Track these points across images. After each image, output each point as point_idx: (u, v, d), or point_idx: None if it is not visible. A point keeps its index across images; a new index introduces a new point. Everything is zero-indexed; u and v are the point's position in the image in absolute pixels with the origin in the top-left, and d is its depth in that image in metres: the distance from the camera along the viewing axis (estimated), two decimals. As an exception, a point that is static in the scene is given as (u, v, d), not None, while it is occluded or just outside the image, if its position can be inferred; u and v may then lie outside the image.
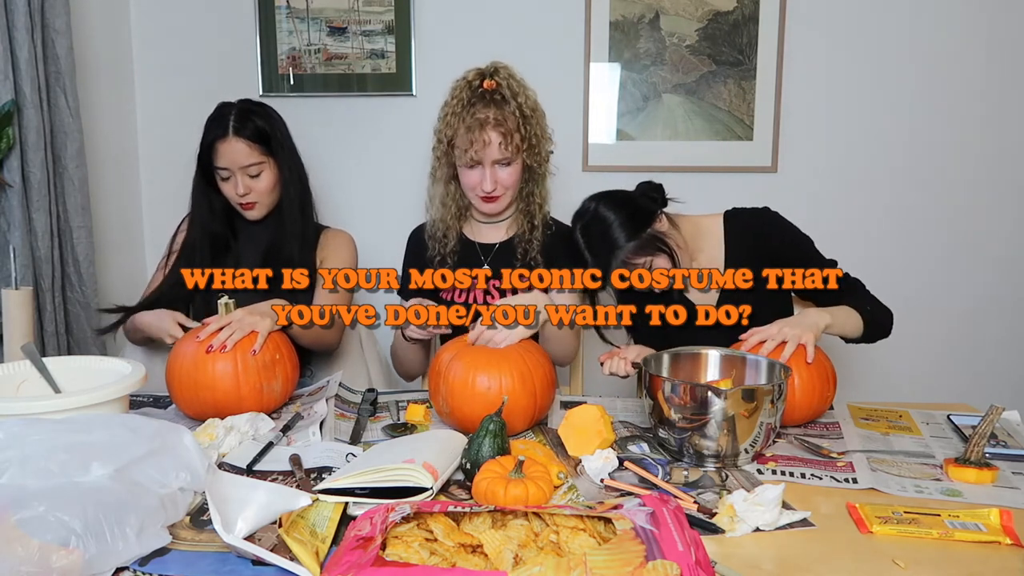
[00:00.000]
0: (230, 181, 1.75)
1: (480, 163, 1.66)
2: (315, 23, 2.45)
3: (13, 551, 0.82)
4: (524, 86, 1.71)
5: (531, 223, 1.76)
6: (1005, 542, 0.99)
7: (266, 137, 1.75)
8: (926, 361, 2.54)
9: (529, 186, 1.75)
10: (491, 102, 1.66)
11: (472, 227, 1.83)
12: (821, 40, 2.40)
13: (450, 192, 1.76)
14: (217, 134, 1.72)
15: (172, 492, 1.02)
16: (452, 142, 1.68)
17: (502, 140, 1.64)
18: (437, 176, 1.76)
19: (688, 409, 1.22)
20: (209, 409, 1.38)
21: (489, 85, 1.67)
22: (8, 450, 0.97)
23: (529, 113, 1.68)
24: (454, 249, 1.78)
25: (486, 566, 0.87)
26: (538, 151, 1.71)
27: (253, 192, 1.75)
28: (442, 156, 1.73)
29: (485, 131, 1.63)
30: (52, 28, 2.01)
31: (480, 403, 1.31)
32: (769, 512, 1.02)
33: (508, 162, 1.67)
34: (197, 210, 1.81)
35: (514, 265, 1.77)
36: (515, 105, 1.66)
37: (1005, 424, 1.44)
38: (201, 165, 1.76)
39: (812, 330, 1.44)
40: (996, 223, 2.48)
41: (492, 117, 1.64)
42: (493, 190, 1.68)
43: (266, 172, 1.75)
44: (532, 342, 1.46)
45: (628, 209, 1.59)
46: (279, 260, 1.78)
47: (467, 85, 1.68)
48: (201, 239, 1.80)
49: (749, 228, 1.70)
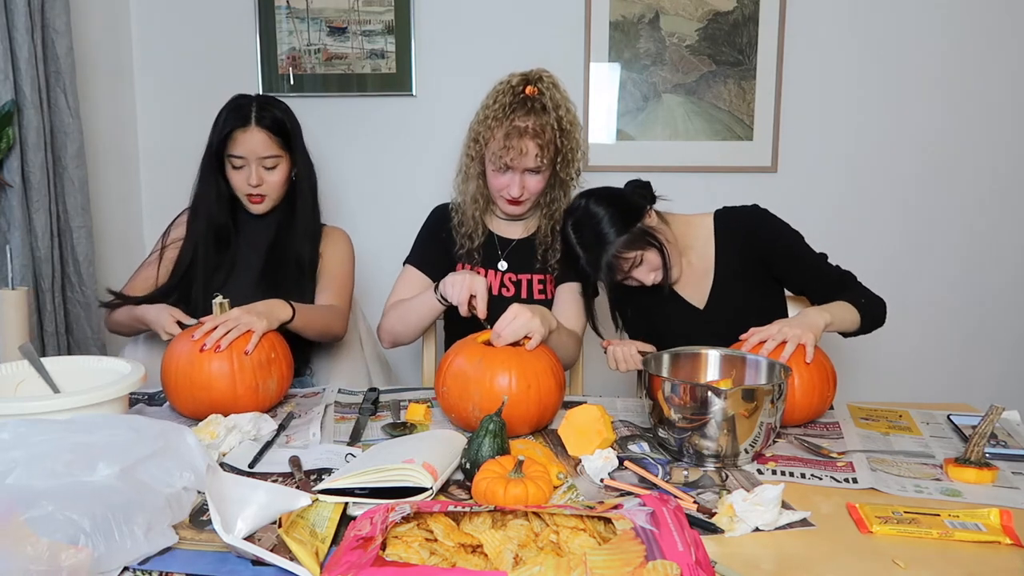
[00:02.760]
0: (243, 171, 1.74)
1: (511, 168, 1.67)
2: (315, 23, 2.45)
3: (23, 550, 0.82)
4: (566, 98, 1.71)
5: (552, 227, 1.77)
6: (1005, 542, 0.99)
7: (285, 131, 1.76)
8: (926, 361, 2.54)
9: (555, 192, 1.76)
10: (531, 111, 1.66)
11: (493, 220, 1.85)
12: (821, 40, 2.41)
13: (480, 187, 1.77)
14: (238, 123, 1.71)
15: (177, 491, 1.03)
16: (488, 143, 1.68)
17: (539, 152, 1.65)
18: (469, 174, 1.77)
19: (688, 409, 1.22)
20: (204, 408, 1.38)
21: (531, 91, 1.67)
22: (13, 450, 0.97)
23: (568, 127, 1.69)
24: (472, 236, 1.79)
25: (486, 566, 0.87)
26: (571, 164, 1.72)
27: (265, 184, 1.75)
28: (476, 156, 1.73)
29: (523, 140, 1.64)
30: (52, 28, 2.01)
31: (489, 399, 1.30)
32: (769, 512, 1.02)
33: (539, 171, 1.69)
34: (202, 199, 1.80)
35: (533, 264, 1.78)
36: (555, 117, 1.67)
37: (1005, 424, 1.44)
38: (212, 153, 1.75)
39: (812, 330, 1.44)
40: (996, 222, 2.48)
41: (531, 127, 1.64)
42: (520, 195, 1.70)
43: (281, 166, 1.76)
44: (543, 345, 1.46)
45: (618, 205, 1.60)
46: (283, 257, 1.78)
47: (510, 89, 1.68)
48: (206, 229, 1.79)
49: (739, 226, 1.71)
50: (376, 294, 2.41)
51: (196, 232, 1.79)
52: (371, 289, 2.41)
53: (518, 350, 1.39)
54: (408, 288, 1.79)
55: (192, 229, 1.81)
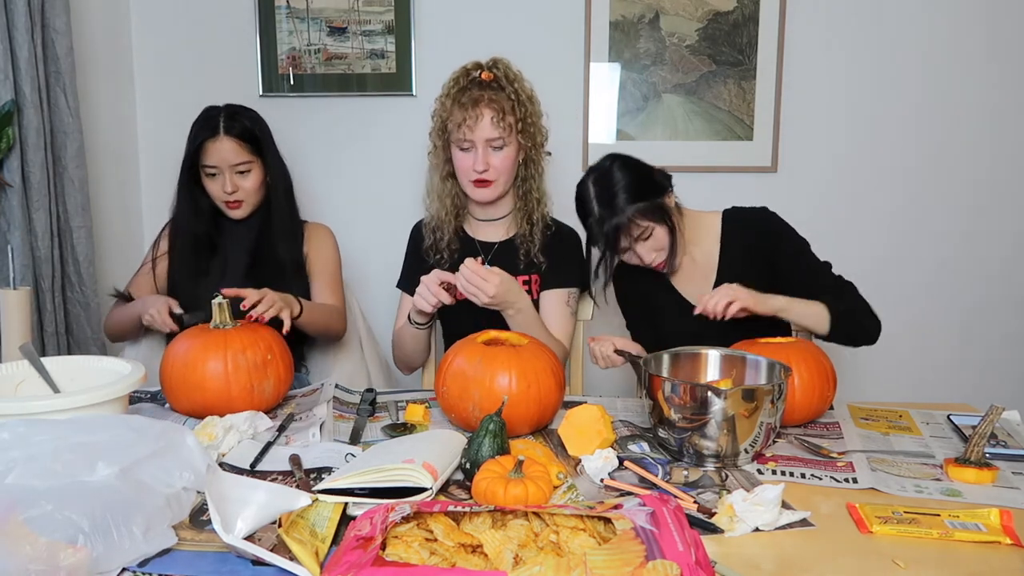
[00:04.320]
0: (217, 179, 1.79)
1: (473, 144, 1.68)
2: (315, 23, 2.45)
3: (21, 549, 0.82)
4: (520, 77, 1.74)
5: (530, 221, 1.78)
6: (1005, 542, 0.99)
7: (254, 138, 1.80)
8: (926, 361, 2.54)
9: (527, 184, 1.77)
10: (486, 87, 1.70)
11: (472, 225, 1.84)
12: (821, 40, 2.40)
13: (447, 188, 1.78)
14: (207, 134, 1.77)
15: (176, 492, 1.03)
16: (446, 124, 1.71)
17: (495, 115, 1.67)
18: (434, 164, 1.79)
19: (688, 409, 1.22)
20: (200, 409, 1.39)
21: (487, 76, 1.71)
22: (12, 450, 0.97)
23: (524, 98, 1.71)
24: (450, 245, 1.80)
25: (486, 566, 0.87)
26: (532, 135, 1.73)
27: (240, 191, 1.80)
28: (438, 141, 1.75)
29: (478, 107, 1.67)
30: (52, 28, 2.01)
31: (489, 399, 1.30)
32: (769, 512, 1.02)
33: (501, 144, 1.69)
34: (182, 212, 1.85)
35: (516, 265, 1.77)
36: (511, 90, 1.70)
37: (1005, 424, 1.44)
38: (188, 165, 1.81)
39: (752, 298, 1.51)
40: (996, 222, 2.48)
41: (486, 96, 1.68)
42: (484, 171, 1.70)
43: (254, 172, 1.81)
44: (542, 345, 1.45)
45: (644, 174, 1.64)
46: (268, 258, 1.82)
47: (465, 73, 1.73)
48: (186, 242, 1.84)
49: (747, 226, 1.72)
50: (375, 295, 2.41)
51: (180, 246, 1.85)
52: (369, 289, 2.41)
53: (518, 350, 1.39)
54: (404, 314, 1.81)
55: (175, 244, 1.86)
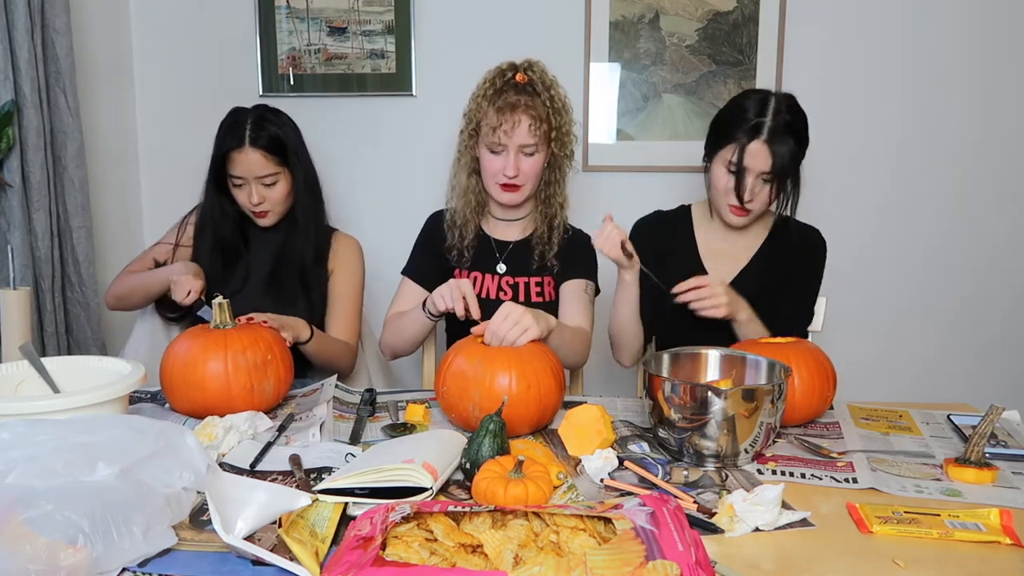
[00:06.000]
0: (244, 189, 1.76)
1: (505, 148, 1.67)
2: (315, 23, 2.45)
3: (21, 549, 0.82)
4: (556, 83, 1.72)
5: (549, 224, 1.77)
6: (1005, 542, 0.99)
7: (282, 147, 1.75)
8: (926, 361, 2.54)
9: (551, 187, 1.76)
10: (522, 91, 1.67)
11: (489, 222, 1.83)
12: (821, 40, 2.40)
13: (471, 185, 1.76)
14: (232, 144, 1.72)
15: (176, 492, 1.02)
16: (480, 124, 1.69)
17: (531, 123, 1.65)
18: (461, 163, 1.77)
19: (688, 409, 1.22)
20: (200, 409, 1.39)
21: (521, 79, 1.68)
22: (13, 450, 0.97)
23: (559, 106, 1.70)
24: (471, 244, 1.79)
25: (486, 566, 0.87)
26: (565, 144, 1.72)
27: (267, 201, 1.77)
28: (468, 140, 1.73)
29: (516, 113, 1.64)
30: (52, 28, 2.01)
31: (489, 399, 1.30)
32: (769, 512, 1.02)
33: (533, 151, 1.68)
34: (208, 211, 1.82)
35: (530, 266, 1.77)
36: (547, 96, 1.68)
37: (1005, 424, 1.44)
38: (214, 171, 1.77)
39: (735, 306, 1.58)
40: (996, 222, 2.48)
41: (523, 102, 1.65)
42: (515, 177, 1.68)
43: (281, 182, 1.77)
44: (542, 345, 1.45)
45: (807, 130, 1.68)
46: (292, 265, 1.81)
47: (500, 73, 1.70)
48: (213, 246, 1.82)
49: (798, 236, 1.77)
50: (373, 294, 2.40)
51: (203, 246, 1.83)
52: (368, 289, 2.41)
53: (518, 350, 1.39)
54: (405, 300, 1.80)
55: (199, 242, 1.84)
